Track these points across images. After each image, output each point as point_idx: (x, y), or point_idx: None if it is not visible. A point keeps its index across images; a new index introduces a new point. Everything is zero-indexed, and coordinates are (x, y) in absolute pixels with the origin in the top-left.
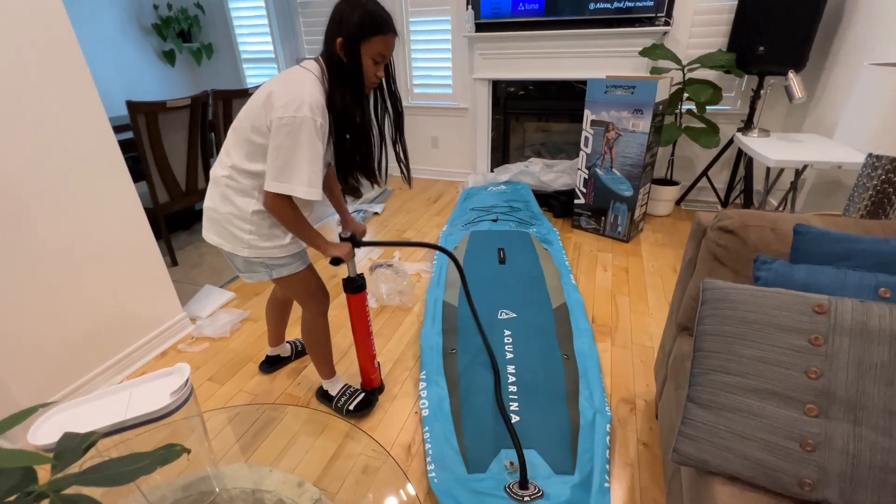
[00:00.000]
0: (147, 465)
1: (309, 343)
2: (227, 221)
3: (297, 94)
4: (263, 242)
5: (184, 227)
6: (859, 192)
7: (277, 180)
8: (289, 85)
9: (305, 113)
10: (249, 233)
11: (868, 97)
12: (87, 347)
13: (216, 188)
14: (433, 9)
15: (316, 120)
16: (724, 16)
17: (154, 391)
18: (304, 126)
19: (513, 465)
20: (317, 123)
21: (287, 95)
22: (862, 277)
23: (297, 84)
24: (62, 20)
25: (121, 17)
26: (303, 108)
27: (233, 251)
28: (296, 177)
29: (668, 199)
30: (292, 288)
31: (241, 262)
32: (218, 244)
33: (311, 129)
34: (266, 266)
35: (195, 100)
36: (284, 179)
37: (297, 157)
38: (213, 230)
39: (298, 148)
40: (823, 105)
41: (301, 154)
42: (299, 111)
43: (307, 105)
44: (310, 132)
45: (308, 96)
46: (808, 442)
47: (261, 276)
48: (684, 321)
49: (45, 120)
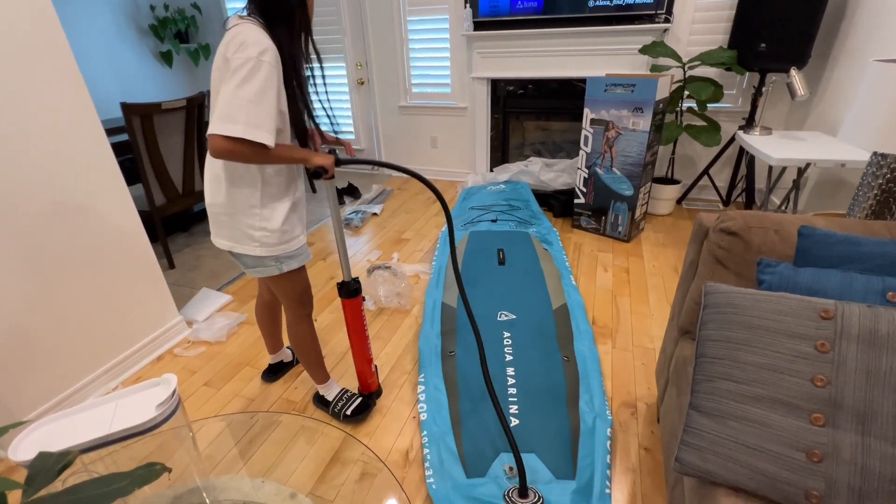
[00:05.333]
0: (125, 486)
1: (298, 349)
2: (236, 221)
3: (244, 38)
4: (274, 239)
5: (181, 229)
6: (864, 192)
7: (221, 120)
8: (234, 36)
9: (251, 53)
10: (259, 229)
11: (873, 94)
12: (82, 352)
13: (216, 184)
14: (431, 7)
15: (262, 59)
16: (725, 12)
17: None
18: (255, 65)
19: (512, 471)
20: (262, 63)
21: (234, 43)
22: (869, 281)
23: (242, 33)
24: (52, 23)
25: (117, 19)
26: (249, 48)
27: (244, 252)
28: (237, 115)
29: (668, 198)
30: (287, 286)
31: (251, 260)
32: (229, 248)
33: (263, 69)
34: (277, 260)
35: (191, 101)
36: (225, 119)
37: (244, 95)
38: (223, 234)
39: (246, 86)
40: (826, 102)
41: (249, 93)
42: (247, 51)
43: (252, 45)
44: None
45: (254, 38)
46: (814, 452)
47: (271, 269)
48: (686, 324)
49: (34, 123)
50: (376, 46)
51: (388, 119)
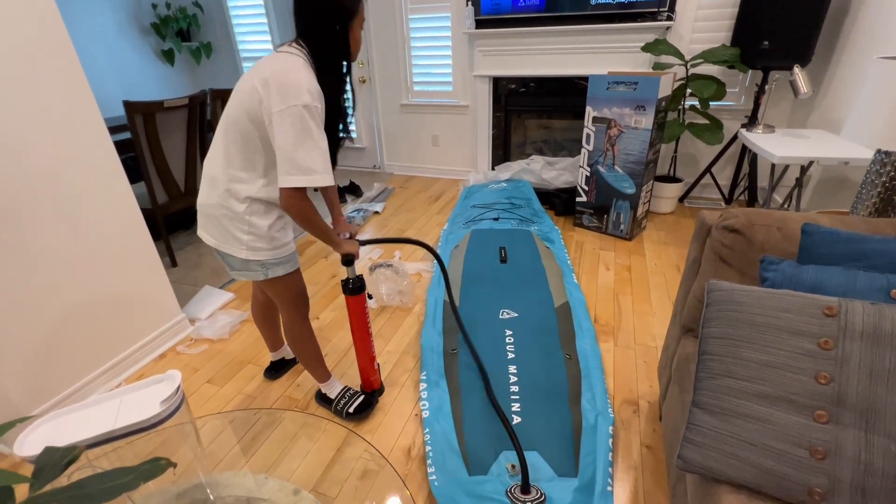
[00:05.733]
0: (131, 481)
1: (296, 349)
2: (225, 221)
3: (295, 81)
4: (260, 244)
5: (183, 227)
6: (867, 190)
7: (291, 174)
8: (286, 73)
9: (306, 100)
10: (248, 233)
11: (877, 91)
12: (85, 350)
13: (213, 186)
14: (433, 5)
15: (317, 106)
16: (728, 10)
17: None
18: (306, 114)
19: (514, 468)
20: (318, 109)
21: (286, 84)
22: (873, 278)
23: (293, 72)
24: (55, 21)
25: (119, 17)
26: (302, 95)
27: (230, 252)
28: (310, 166)
29: (671, 196)
30: (279, 290)
31: (237, 262)
32: (215, 245)
33: (315, 115)
34: (263, 265)
35: (193, 99)
36: (298, 171)
37: (306, 146)
38: (209, 230)
39: (305, 136)
40: (830, 100)
41: (309, 142)
42: (299, 99)
43: (306, 91)
44: (313, 119)
45: (305, 82)
46: (817, 449)
47: (256, 274)
48: (688, 322)
49: (36, 122)
50: (378, 44)
51: (390, 117)
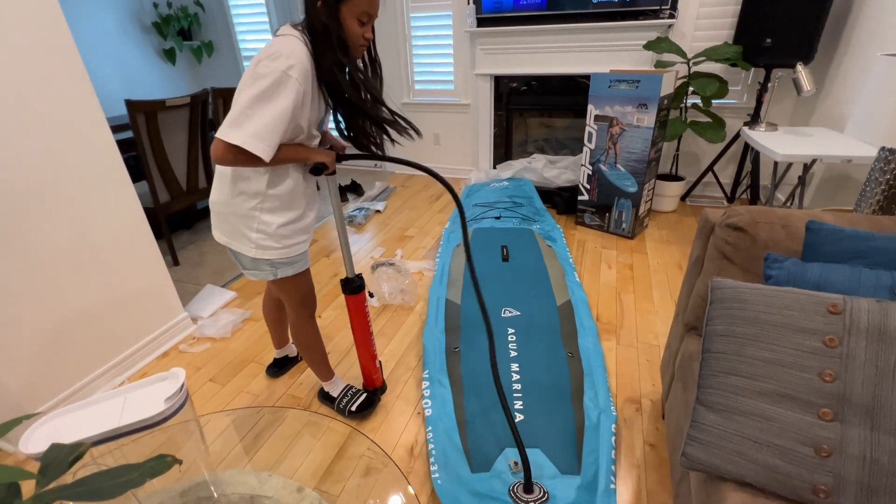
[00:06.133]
0: (136, 478)
1: (302, 347)
2: (235, 219)
3: (278, 49)
4: (270, 243)
5: (186, 226)
6: (871, 187)
7: (227, 125)
8: (272, 45)
9: (280, 66)
10: (257, 231)
11: (881, 89)
12: (88, 348)
13: (223, 183)
14: (434, 4)
15: (290, 76)
16: (730, 7)
17: (148, 397)
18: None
19: (517, 466)
20: (290, 79)
21: (269, 51)
22: (878, 276)
23: (280, 42)
24: (58, 20)
25: (121, 16)
26: (279, 60)
27: (240, 251)
28: (249, 127)
29: (673, 194)
30: (289, 289)
31: (247, 261)
32: (226, 243)
33: (287, 85)
34: (272, 265)
35: (195, 98)
36: (236, 126)
37: (256, 107)
38: (221, 227)
39: (262, 98)
40: (833, 98)
41: (264, 106)
42: (276, 62)
43: (284, 58)
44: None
45: (288, 51)
46: (822, 447)
47: (266, 274)
48: (692, 320)
49: (40, 121)
50: (379, 43)
51: None
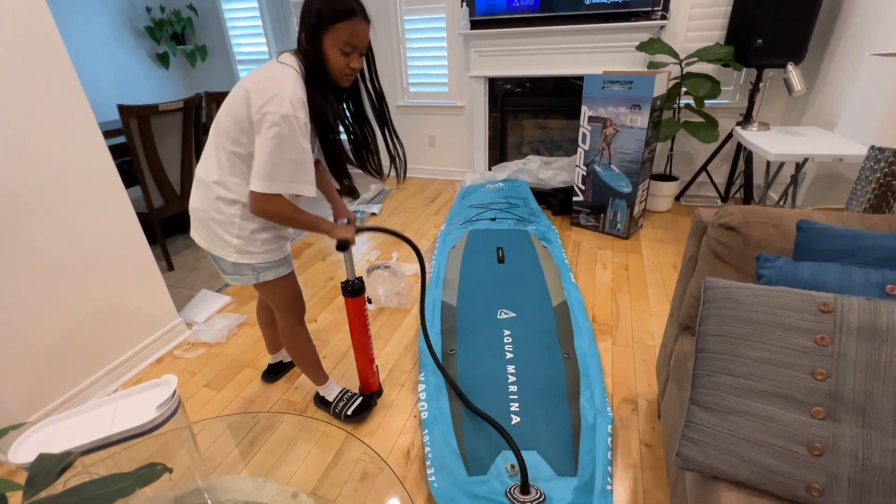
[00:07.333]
0: (126, 487)
1: (293, 352)
2: (214, 225)
3: (278, 90)
4: (251, 247)
5: (180, 230)
6: (862, 186)
7: (265, 180)
8: (270, 81)
9: (287, 110)
10: (238, 237)
11: (870, 88)
12: (82, 355)
13: (203, 191)
14: (427, 6)
15: (299, 117)
16: (722, 8)
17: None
18: (284, 123)
19: (513, 468)
20: (300, 121)
21: (269, 92)
22: (868, 274)
23: (279, 80)
24: (48, 25)
25: (114, 21)
26: (284, 104)
27: (221, 255)
28: (283, 175)
29: (667, 194)
30: (273, 293)
31: (228, 265)
32: (207, 248)
33: (295, 126)
34: (254, 269)
35: (188, 102)
36: (272, 179)
37: (283, 156)
38: (201, 232)
39: (278, 145)
40: (823, 97)
41: (287, 153)
42: (279, 108)
43: (288, 102)
44: (291, 129)
45: (290, 93)
46: (815, 446)
47: (248, 278)
48: (686, 320)
49: (31, 126)
50: (373, 45)
51: None
